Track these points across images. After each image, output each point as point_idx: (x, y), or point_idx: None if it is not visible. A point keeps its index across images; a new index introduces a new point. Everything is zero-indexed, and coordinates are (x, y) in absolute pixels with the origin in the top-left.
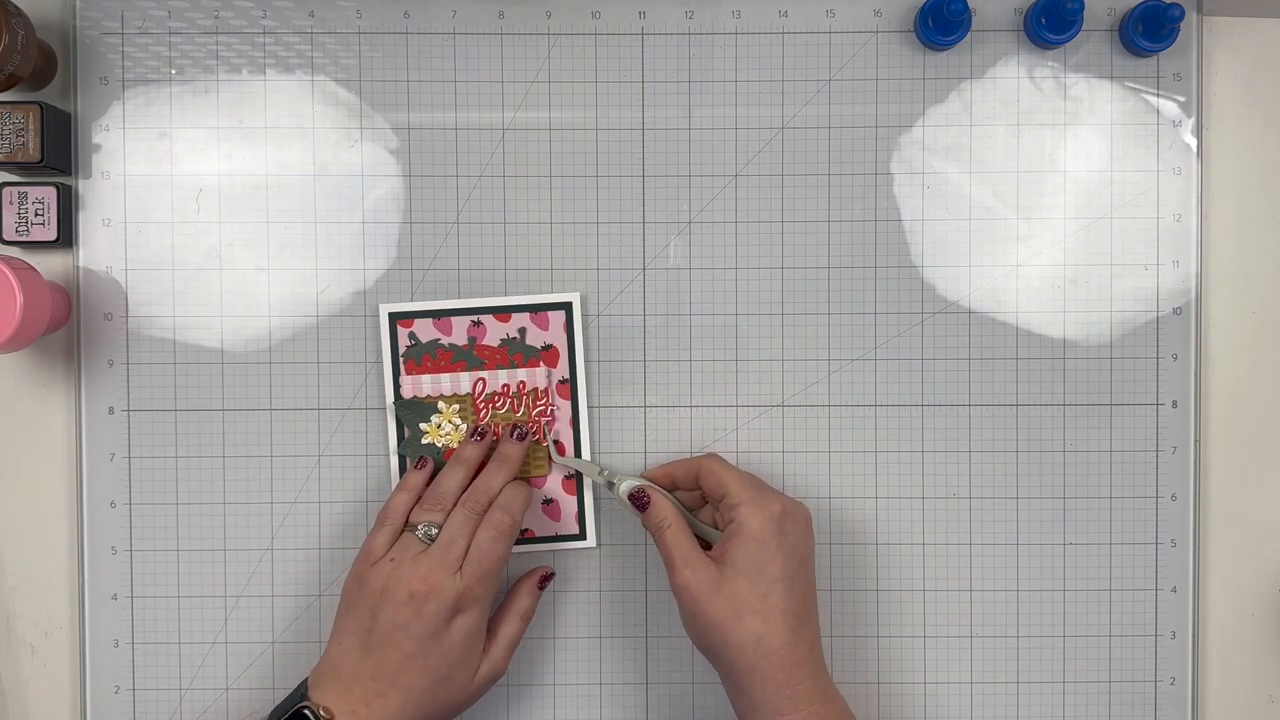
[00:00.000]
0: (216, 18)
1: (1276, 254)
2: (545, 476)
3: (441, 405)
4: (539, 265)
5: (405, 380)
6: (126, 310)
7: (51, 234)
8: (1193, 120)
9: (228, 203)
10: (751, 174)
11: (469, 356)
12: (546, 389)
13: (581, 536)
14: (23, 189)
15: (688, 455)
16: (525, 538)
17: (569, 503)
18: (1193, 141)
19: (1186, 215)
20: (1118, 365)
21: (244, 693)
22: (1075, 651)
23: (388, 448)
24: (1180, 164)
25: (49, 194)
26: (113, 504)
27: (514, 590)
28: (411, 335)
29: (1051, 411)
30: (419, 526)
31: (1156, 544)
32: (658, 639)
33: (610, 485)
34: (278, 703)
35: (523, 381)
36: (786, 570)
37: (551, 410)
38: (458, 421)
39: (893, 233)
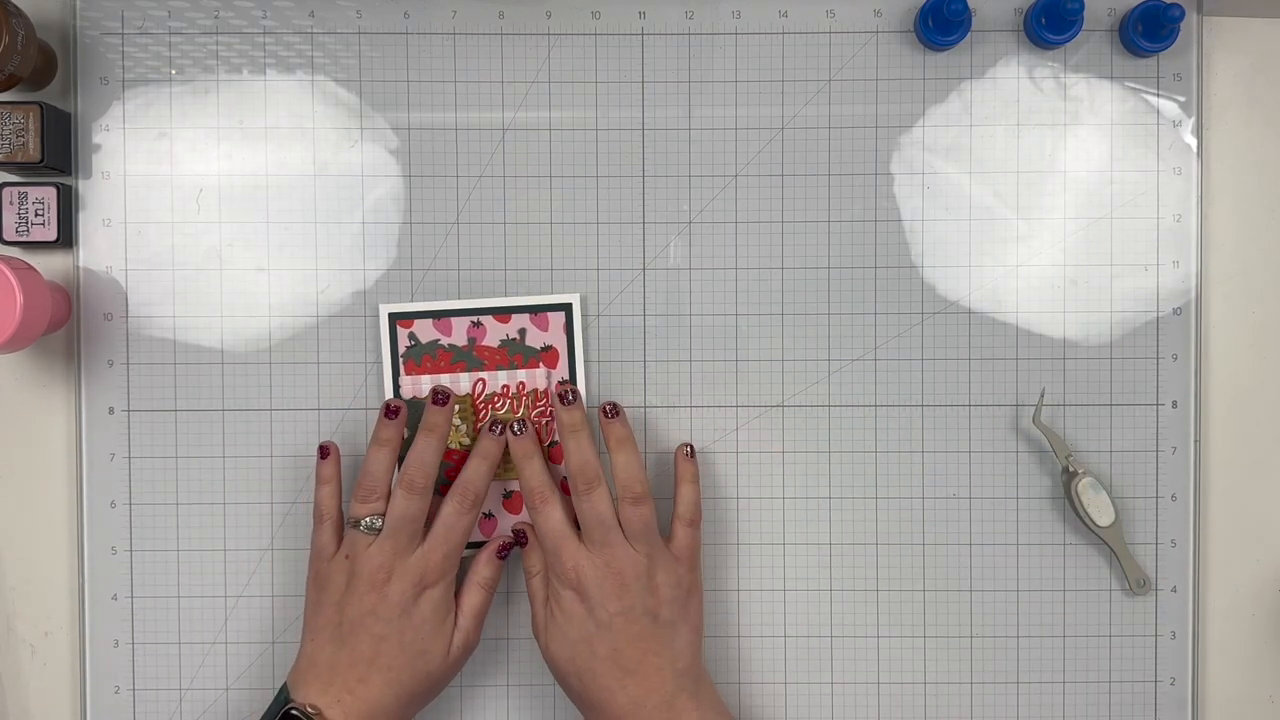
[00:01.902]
0: (216, 18)
1: (1276, 254)
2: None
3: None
4: (539, 266)
5: (405, 381)
6: (126, 310)
7: (51, 234)
8: (1193, 120)
9: (228, 203)
10: (751, 174)
11: (469, 357)
12: (546, 390)
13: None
14: (23, 189)
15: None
16: (523, 538)
17: (567, 504)
18: (1193, 141)
19: (1186, 215)
20: (1118, 365)
21: (244, 693)
22: (1075, 651)
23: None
24: (1180, 164)
25: (49, 194)
26: (113, 504)
27: (474, 561)
28: (411, 336)
29: (1051, 411)
30: (361, 522)
31: (1156, 544)
32: None
33: (1070, 475)
34: (265, 709)
35: (522, 383)
36: (583, 633)
37: (551, 411)
38: (457, 422)
39: (893, 233)
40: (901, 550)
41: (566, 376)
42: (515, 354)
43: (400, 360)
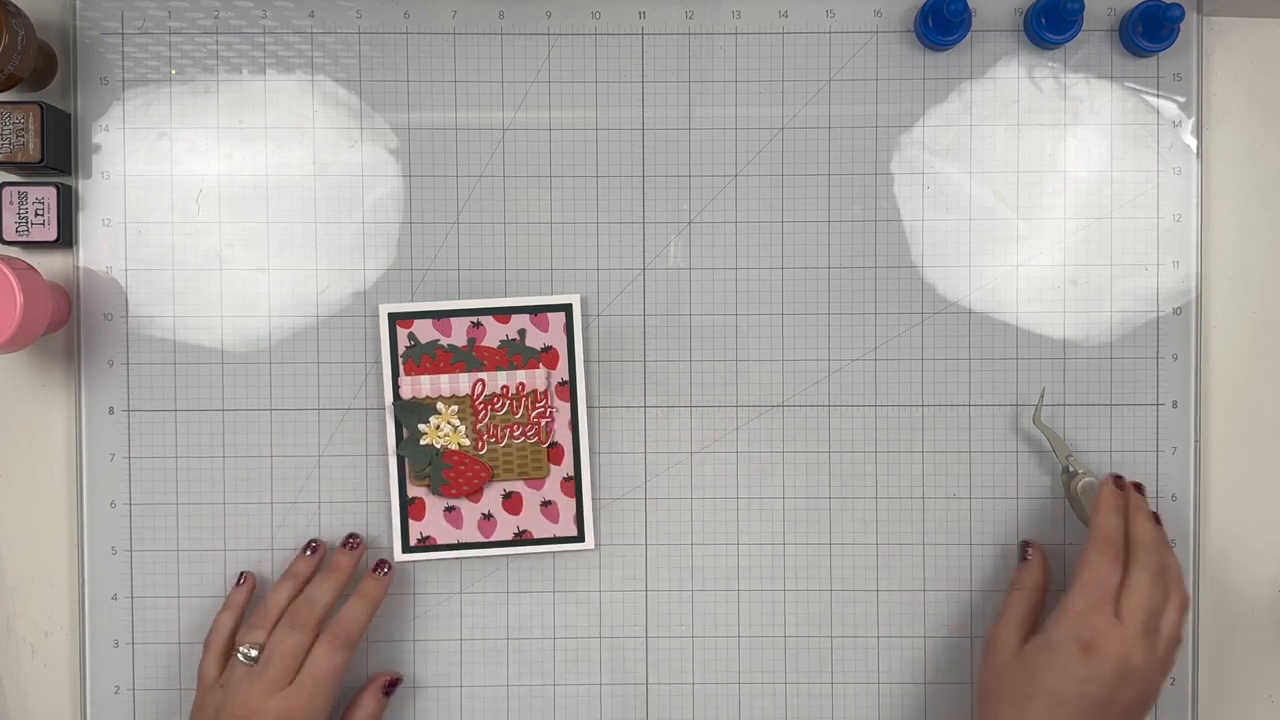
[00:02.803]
0: (216, 18)
1: (1276, 254)
2: (544, 479)
3: (440, 406)
4: (539, 266)
5: (404, 381)
6: (126, 310)
7: (51, 234)
8: (1193, 120)
9: (228, 203)
10: (751, 174)
11: (468, 358)
12: (546, 391)
13: (580, 539)
14: (23, 189)
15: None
16: (524, 539)
17: (567, 505)
18: (1193, 141)
19: (1186, 215)
20: (1118, 365)
21: None
22: None
23: (387, 448)
24: (1180, 164)
25: (49, 194)
26: (113, 504)
27: (358, 696)
28: (411, 336)
29: (1051, 411)
30: (239, 648)
31: None
32: (658, 639)
33: (1070, 475)
34: None
35: (522, 383)
36: (1049, 706)
37: (550, 412)
38: (456, 423)
39: (893, 233)
40: (901, 550)
41: (566, 377)
42: (515, 354)
43: (400, 360)
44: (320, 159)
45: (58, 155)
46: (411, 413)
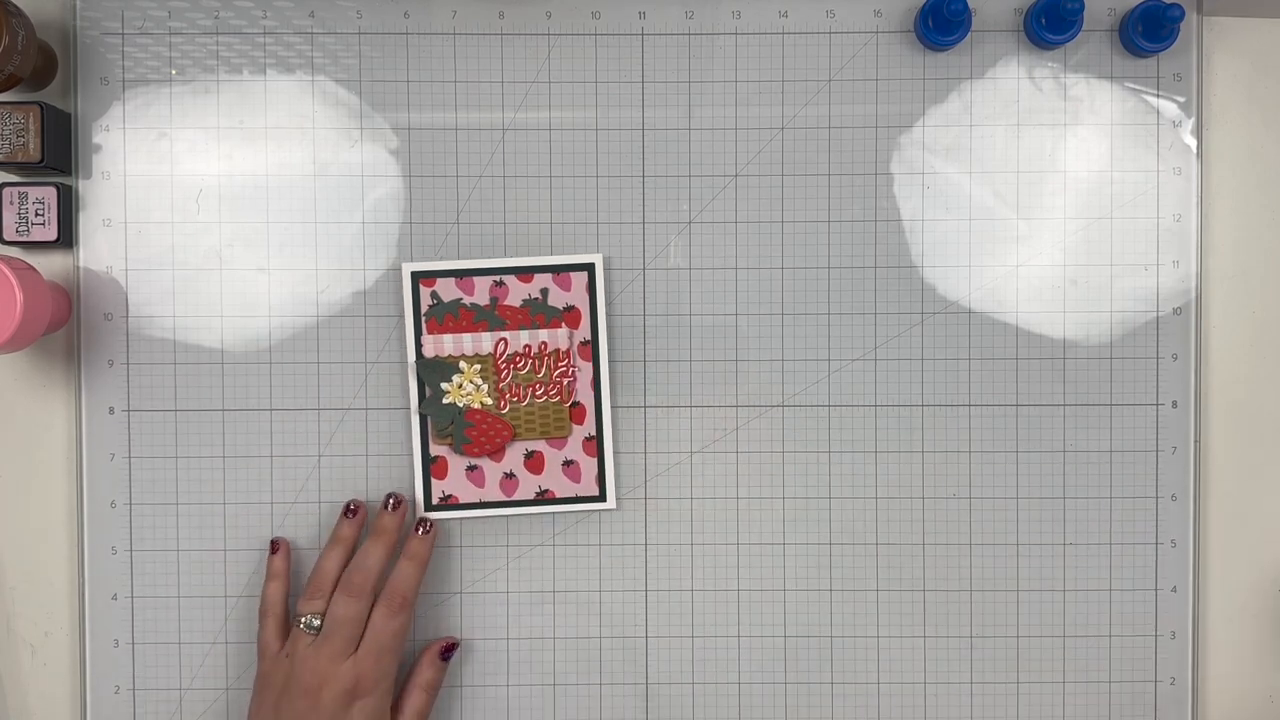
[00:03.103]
0: (216, 18)
1: (1276, 254)
2: (566, 438)
3: (463, 365)
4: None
5: (427, 339)
6: (126, 310)
7: (51, 234)
8: (1193, 120)
9: (228, 203)
10: (751, 174)
11: (491, 316)
12: (568, 350)
13: (601, 498)
14: (23, 189)
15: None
16: (546, 498)
17: (589, 464)
18: (1193, 141)
19: (1186, 215)
20: (1118, 365)
21: (244, 693)
22: (1075, 651)
23: (409, 406)
24: (1180, 164)
25: (49, 194)
26: (113, 504)
27: (417, 663)
28: (434, 294)
29: (1051, 411)
30: (301, 620)
31: (1156, 544)
32: (658, 639)
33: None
34: None
35: (544, 342)
36: None
37: (573, 371)
38: (479, 381)
39: (893, 233)
40: (901, 550)
41: (589, 336)
42: (538, 313)
43: (423, 319)
44: (320, 159)
45: (58, 155)
46: (434, 371)
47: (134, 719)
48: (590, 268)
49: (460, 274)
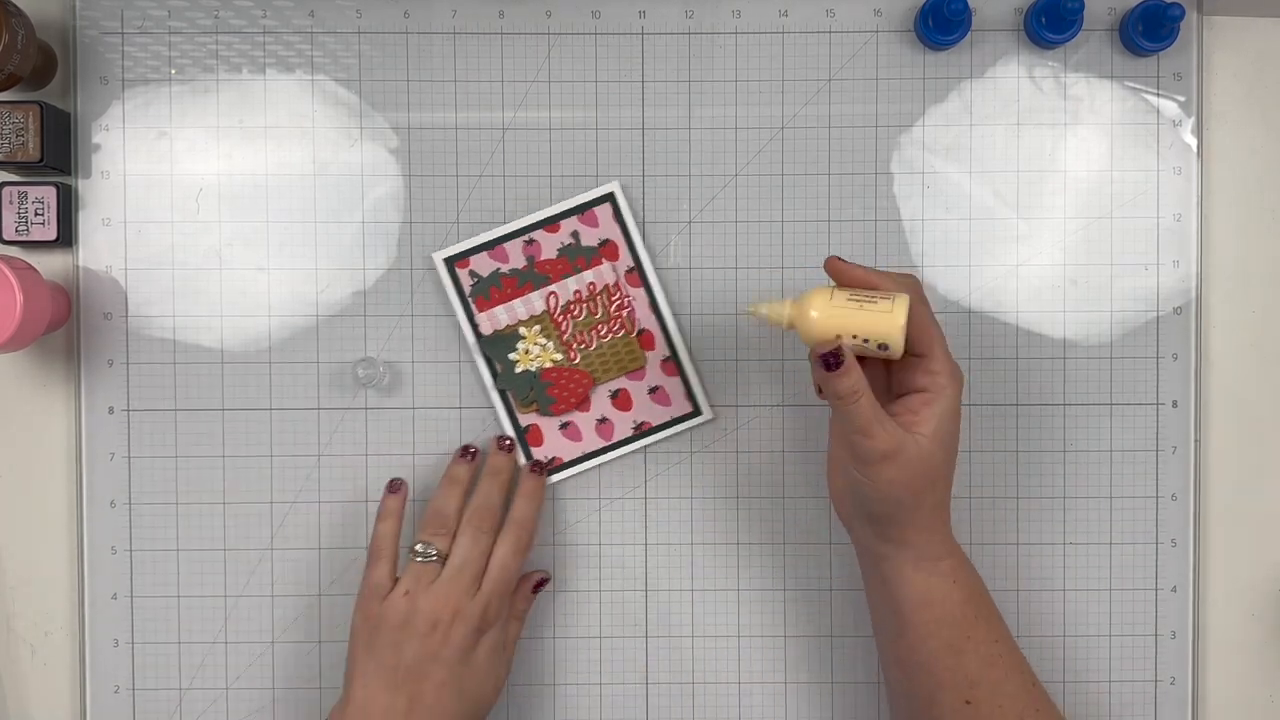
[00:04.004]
0: (216, 17)
1: (1276, 254)
2: (644, 368)
3: (522, 330)
4: None
5: (480, 318)
6: (126, 310)
7: (51, 234)
8: (1193, 120)
9: (228, 203)
10: (751, 174)
11: (533, 276)
12: (616, 282)
13: (697, 413)
14: (23, 189)
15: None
16: (644, 430)
17: (674, 385)
18: (1193, 141)
19: (1186, 215)
20: (1118, 365)
21: (244, 693)
22: (1075, 651)
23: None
24: (1180, 164)
25: (49, 194)
26: (113, 504)
27: (513, 596)
28: (471, 273)
29: (1051, 411)
30: (418, 546)
31: (1156, 544)
32: (658, 639)
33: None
34: None
35: (592, 283)
36: (958, 438)
37: (628, 301)
38: (543, 341)
39: (893, 233)
40: None
41: (631, 263)
42: (576, 258)
43: (469, 300)
44: (320, 159)
45: (58, 155)
46: (498, 345)
47: (134, 719)
48: (610, 196)
49: (490, 245)
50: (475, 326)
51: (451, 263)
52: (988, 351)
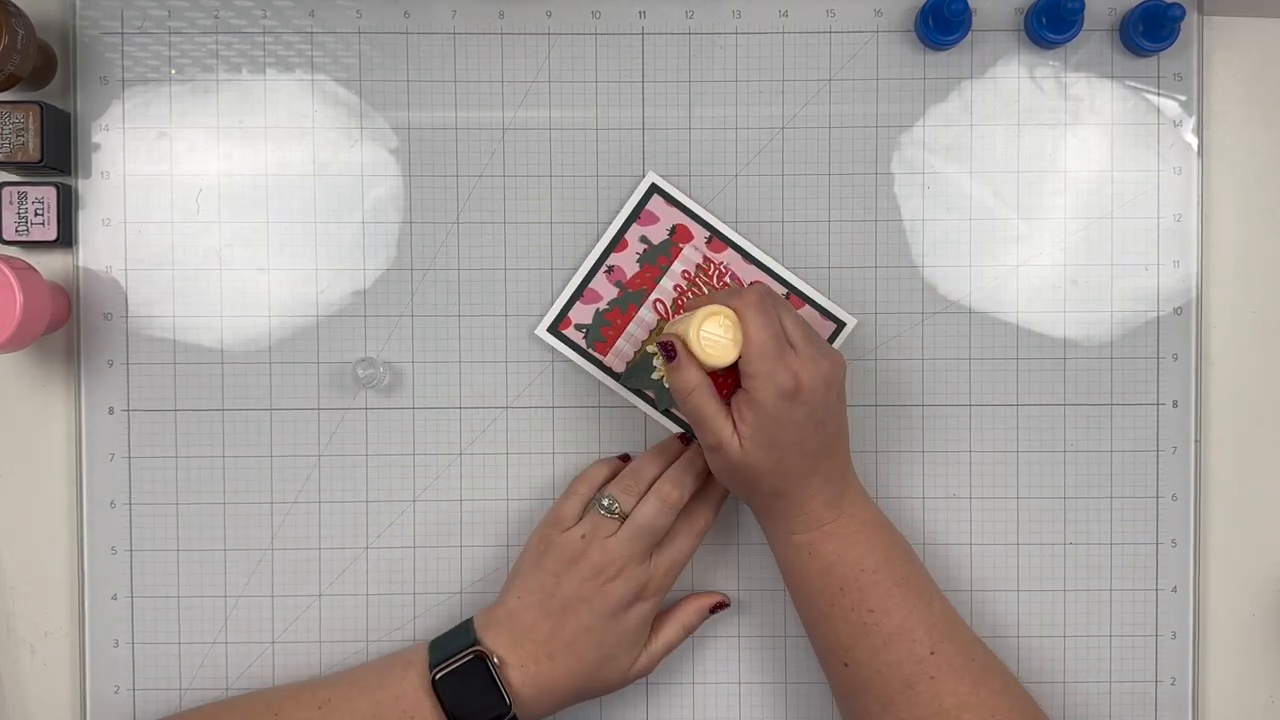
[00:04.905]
0: (216, 17)
1: (1276, 254)
2: None
3: (649, 348)
4: (539, 266)
5: (609, 359)
6: (126, 310)
7: (51, 234)
8: (1193, 120)
9: (228, 203)
10: (751, 174)
11: (629, 297)
12: (705, 258)
13: (843, 325)
14: (23, 189)
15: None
16: None
17: (808, 314)
18: (1193, 141)
19: (1186, 215)
20: (1118, 365)
21: (244, 692)
22: (1075, 651)
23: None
24: (1180, 164)
25: (49, 194)
26: (113, 504)
27: (686, 602)
28: (577, 327)
29: (1051, 411)
30: (605, 498)
31: (1156, 544)
32: None
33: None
34: (442, 633)
35: (685, 271)
36: (799, 436)
37: (724, 268)
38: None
39: (893, 233)
40: None
41: (707, 234)
42: (658, 258)
43: (591, 351)
44: (320, 159)
45: (57, 155)
46: (637, 374)
47: (134, 719)
48: (654, 187)
49: (578, 294)
50: (609, 370)
51: (555, 329)
52: (988, 351)
